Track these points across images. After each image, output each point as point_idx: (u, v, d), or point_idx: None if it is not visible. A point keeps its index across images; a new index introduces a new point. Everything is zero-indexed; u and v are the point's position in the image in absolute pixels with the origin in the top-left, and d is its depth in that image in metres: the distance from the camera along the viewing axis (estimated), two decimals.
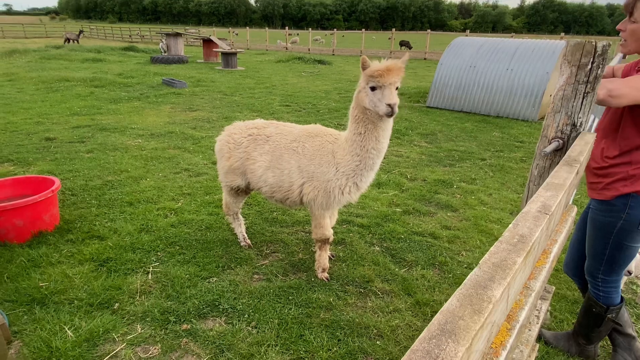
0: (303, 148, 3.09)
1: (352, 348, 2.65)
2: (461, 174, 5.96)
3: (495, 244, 0.78)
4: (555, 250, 1.33)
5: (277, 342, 2.67)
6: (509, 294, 0.70)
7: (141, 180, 5.27)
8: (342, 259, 3.68)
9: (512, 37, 24.73)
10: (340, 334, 2.77)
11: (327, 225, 3.22)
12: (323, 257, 3.35)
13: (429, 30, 31.08)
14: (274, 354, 2.58)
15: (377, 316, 2.97)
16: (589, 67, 1.80)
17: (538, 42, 10.48)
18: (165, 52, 21.15)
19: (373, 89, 2.56)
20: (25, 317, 2.81)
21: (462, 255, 3.83)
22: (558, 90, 1.87)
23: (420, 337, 0.51)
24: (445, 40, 36.64)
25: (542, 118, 9.75)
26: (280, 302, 3.09)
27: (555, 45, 10.15)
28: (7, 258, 3.44)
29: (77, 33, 32.13)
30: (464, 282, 0.64)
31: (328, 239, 3.28)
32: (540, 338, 2.78)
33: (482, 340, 0.58)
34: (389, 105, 2.50)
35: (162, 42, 21.59)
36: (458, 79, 10.66)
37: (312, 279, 3.35)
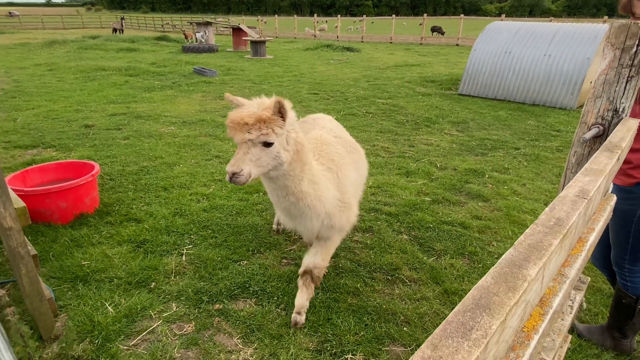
0: None
1: (379, 333, 2.68)
2: (493, 164, 5.82)
3: (530, 226, 0.78)
4: (592, 238, 1.30)
5: (305, 325, 2.73)
6: (544, 275, 0.70)
7: (175, 166, 5.44)
8: (369, 246, 3.70)
9: (550, 21, 23.61)
10: (367, 319, 2.81)
11: None
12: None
13: (462, 15, 30.12)
14: (302, 336, 2.64)
15: (405, 303, 2.98)
16: (634, 49, 1.72)
17: (578, 26, 9.98)
18: (204, 41, 21.47)
19: None
20: (70, 293, 2.99)
21: (492, 245, 3.76)
22: (600, 74, 1.80)
23: (455, 310, 0.53)
24: (479, 26, 35.40)
25: (581, 106, 9.33)
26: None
27: (597, 29, 9.63)
28: (52, 238, 3.65)
29: (121, 22, 32.86)
30: (498, 261, 0.65)
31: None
32: (573, 330, 2.72)
33: (516, 318, 0.58)
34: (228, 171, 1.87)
35: (201, 32, 21.88)
36: (492, 65, 10.32)
37: (340, 265, 3.39)
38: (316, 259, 2.71)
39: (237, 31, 22.01)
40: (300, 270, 2.74)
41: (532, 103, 9.69)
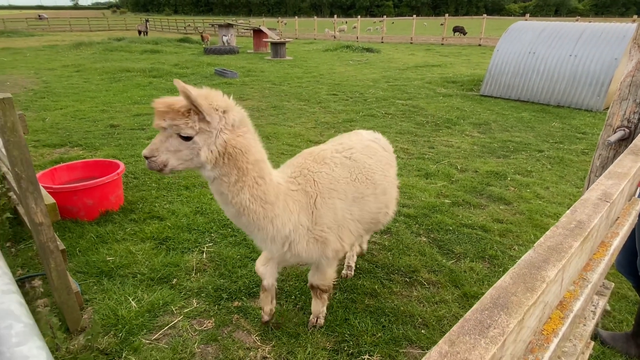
0: None
1: (397, 335, 2.68)
2: (516, 166, 5.72)
3: (551, 228, 0.78)
4: (616, 243, 1.28)
5: (322, 325, 2.75)
6: (563, 277, 0.70)
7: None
8: (387, 248, 3.69)
9: (577, 20, 23.01)
10: (385, 320, 2.81)
11: None
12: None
13: (484, 15, 29.61)
14: (319, 335, 2.66)
15: (423, 306, 2.97)
16: None
17: (606, 26, 9.69)
18: (228, 44, 21.76)
19: None
20: (95, 287, 3.09)
21: (514, 249, 3.70)
22: (626, 76, 1.76)
23: (472, 308, 0.54)
24: (502, 26, 34.76)
25: (608, 108, 9.07)
26: None
27: (625, 28, 9.34)
28: (78, 234, 3.77)
29: (145, 25, 33.57)
30: (517, 262, 0.65)
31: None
32: (596, 337, 2.65)
33: (534, 318, 0.59)
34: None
35: (227, 36, 22.18)
36: (516, 65, 10.13)
37: (358, 266, 3.40)
38: (314, 279, 2.58)
39: (257, 33, 22.23)
40: (309, 284, 2.67)
41: (556, 104, 9.47)
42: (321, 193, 2.23)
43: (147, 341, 2.61)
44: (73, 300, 2.63)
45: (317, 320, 2.73)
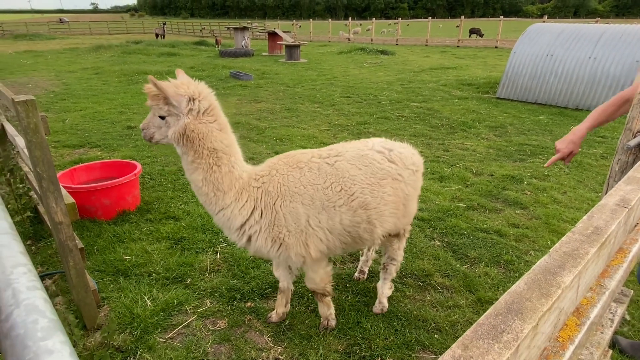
0: None
1: (409, 339, 2.66)
2: (533, 170, 5.63)
3: (567, 234, 0.77)
4: (635, 250, 1.25)
5: (334, 327, 2.75)
6: (579, 284, 0.69)
7: None
8: None
9: (596, 22, 22.56)
10: (397, 324, 2.79)
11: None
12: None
13: (501, 17, 29.26)
14: (331, 338, 2.66)
15: (436, 310, 2.95)
16: None
17: (627, 27, 9.48)
18: (247, 46, 21.96)
19: None
20: (112, 285, 3.15)
21: (530, 254, 3.65)
22: None
23: (486, 313, 0.54)
24: (519, 27, 34.29)
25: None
26: (338, 289, 3.16)
27: None
28: (96, 233, 3.85)
29: (162, 28, 34.12)
30: (532, 267, 0.65)
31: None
32: (614, 346, 2.59)
33: (549, 324, 0.58)
34: None
35: (245, 39, 22.39)
36: (533, 68, 9.97)
37: (370, 269, 3.39)
38: (306, 282, 2.59)
39: (272, 35, 22.39)
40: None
41: (575, 108, 9.29)
42: (283, 196, 2.23)
43: (162, 340, 2.65)
44: (90, 298, 2.69)
45: (327, 323, 2.74)
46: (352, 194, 2.32)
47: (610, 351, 1.96)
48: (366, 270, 3.33)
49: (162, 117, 2.08)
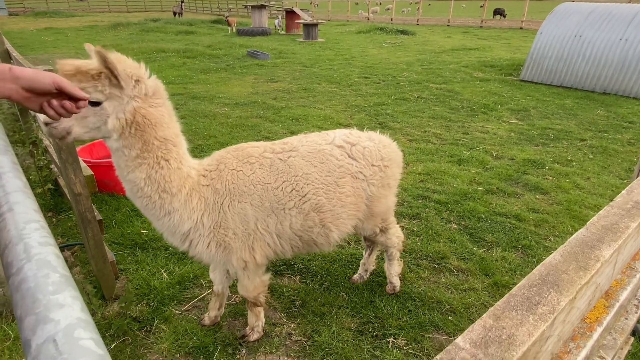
0: None
1: (423, 320, 2.65)
2: (555, 155, 5.47)
3: (605, 207, 0.72)
4: None
5: (347, 305, 2.76)
6: (617, 260, 0.65)
7: (227, 145, 5.60)
8: (416, 233, 3.63)
9: (629, 1, 21.48)
10: (411, 305, 2.78)
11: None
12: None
13: None
14: (344, 316, 2.67)
15: (451, 292, 2.92)
16: None
17: None
18: (279, 27, 21.58)
19: None
20: (129, 258, 3.21)
21: (549, 240, 3.56)
22: None
23: (519, 284, 0.50)
24: (545, 8, 32.94)
25: None
26: (352, 268, 3.16)
27: None
28: (115, 207, 3.91)
29: (180, 6, 33.87)
30: (568, 240, 0.61)
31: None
32: (634, 333, 2.53)
33: (585, 300, 0.55)
34: None
35: (278, 18, 22.01)
36: (560, 49, 9.59)
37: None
38: (238, 287, 2.35)
39: (290, 14, 22.03)
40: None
41: (602, 91, 8.94)
42: (232, 194, 2.01)
43: (178, 311, 2.70)
44: (108, 269, 2.74)
45: (249, 332, 2.47)
46: (304, 195, 2.11)
47: (632, 338, 1.91)
48: (369, 270, 3.05)
49: (95, 103, 1.58)
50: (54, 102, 1.13)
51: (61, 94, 1.14)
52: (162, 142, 1.78)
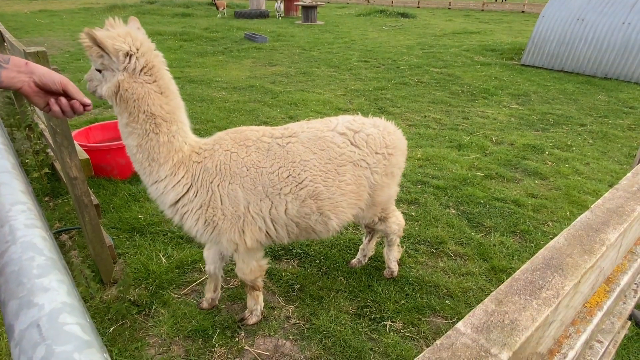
0: None
1: (420, 304, 2.66)
2: (555, 140, 5.44)
3: (610, 190, 0.70)
4: None
5: (345, 289, 2.77)
6: (622, 243, 0.63)
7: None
8: (414, 218, 3.63)
9: None
10: (409, 289, 2.79)
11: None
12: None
13: None
14: (342, 299, 2.68)
15: (448, 277, 2.93)
16: None
17: None
18: (279, 12, 21.16)
19: None
20: (127, 242, 3.21)
21: (547, 225, 3.57)
22: None
23: (522, 268, 0.48)
24: None
25: None
26: (350, 253, 3.16)
27: None
28: (112, 191, 3.89)
29: None
30: (572, 223, 0.59)
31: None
32: (631, 318, 2.55)
33: (589, 284, 0.53)
34: None
35: (278, 2, 21.59)
36: (562, 33, 9.47)
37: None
38: (236, 269, 2.39)
39: None
40: None
41: (603, 76, 8.86)
42: (222, 175, 2.03)
43: (176, 295, 2.70)
44: (106, 253, 2.74)
45: (248, 316, 2.51)
46: (301, 181, 2.09)
47: (629, 322, 1.92)
48: (367, 255, 3.07)
49: (99, 70, 1.84)
50: (64, 100, 1.24)
51: (65, 95, 1.25)
52: (148, 117, 1.88)
